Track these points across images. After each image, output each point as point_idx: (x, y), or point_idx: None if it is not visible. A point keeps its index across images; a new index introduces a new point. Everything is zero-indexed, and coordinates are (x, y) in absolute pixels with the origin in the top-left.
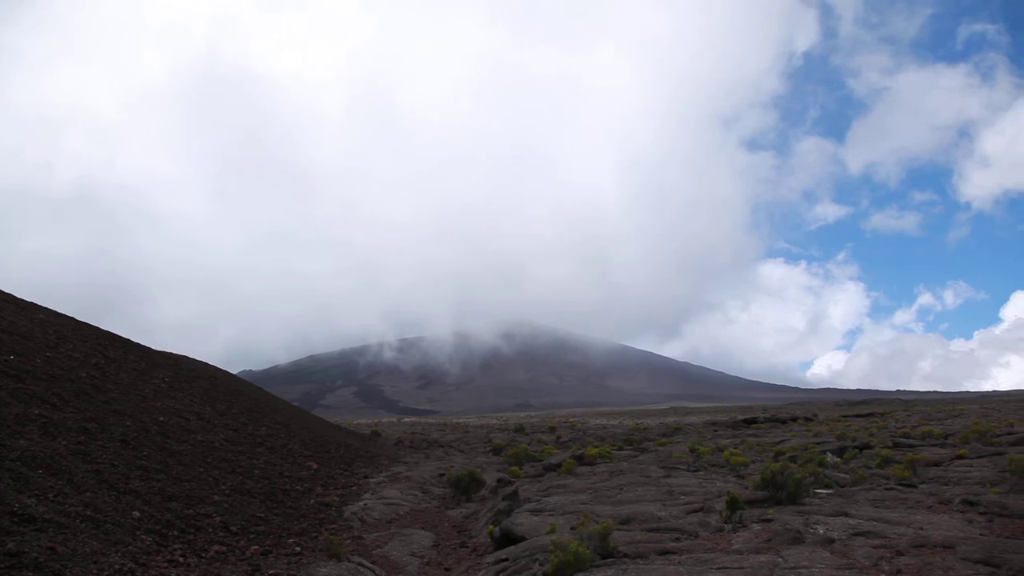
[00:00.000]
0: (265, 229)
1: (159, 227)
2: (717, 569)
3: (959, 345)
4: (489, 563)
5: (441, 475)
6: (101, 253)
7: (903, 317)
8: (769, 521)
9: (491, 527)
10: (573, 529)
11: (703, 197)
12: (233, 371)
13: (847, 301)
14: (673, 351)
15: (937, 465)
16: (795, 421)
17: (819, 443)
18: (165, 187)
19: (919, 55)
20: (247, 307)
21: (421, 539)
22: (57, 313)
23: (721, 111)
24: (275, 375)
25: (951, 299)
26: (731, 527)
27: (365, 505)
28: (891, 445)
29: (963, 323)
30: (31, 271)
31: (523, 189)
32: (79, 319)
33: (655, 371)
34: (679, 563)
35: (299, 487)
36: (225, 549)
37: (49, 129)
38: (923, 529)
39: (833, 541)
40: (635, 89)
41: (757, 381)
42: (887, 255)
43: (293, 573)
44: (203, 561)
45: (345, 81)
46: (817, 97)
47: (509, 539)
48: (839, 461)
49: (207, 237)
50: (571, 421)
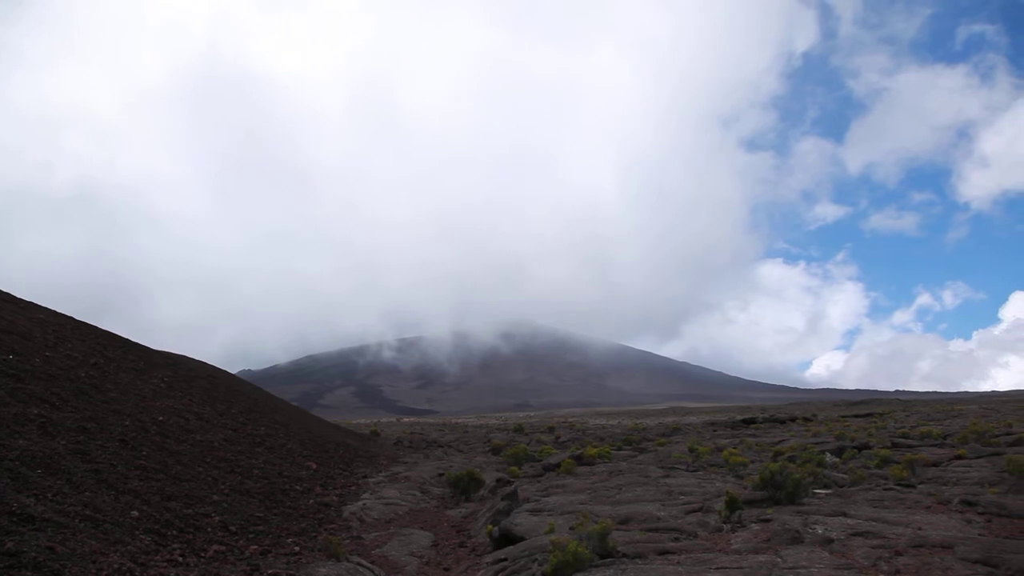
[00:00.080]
0: (265, 229)
1: (159, 227)
2: (716, 569)
3: (958, 345)
4: (488, 563)
5: (440, 475)
6: (101, 253)
7: (902, 317)
8: (768, 521)
9: (490, 527)
10: (572, 529)
11: (703, 197)
12: (232, 371)
13: (846, 301)
14: (672, 351)
15: (936, 465)
16: (794, 421)
17: (818, 443)
18: (165, 187)
19: (918, 55)
20: (247, 307)
21: (420, 539)
22: (56, 312)
23: (721, 111)
24: (274, 375)
25: (950, 299)
26: (730, 527)
27: (364, 505)
28: (890, 445)
29: (962, 323)
30: (31, 271)
31: (523, 189)
32: (78, 319)
33: (654, 371)
34: (678, 563)
35: (298, 487)
36: (224, 549)
37: (49, 129)
38: (922, 529)
39: (832, 541)
40: (635, 89)
41: (756, 381)
42: (886, 255)
43: (292, 573)
44: (202, 561)
45: (345, 81)
46: (816, 97)
47: (508, 539)
48: (838, 461)
49: (207, 237)
50: (570, 421)
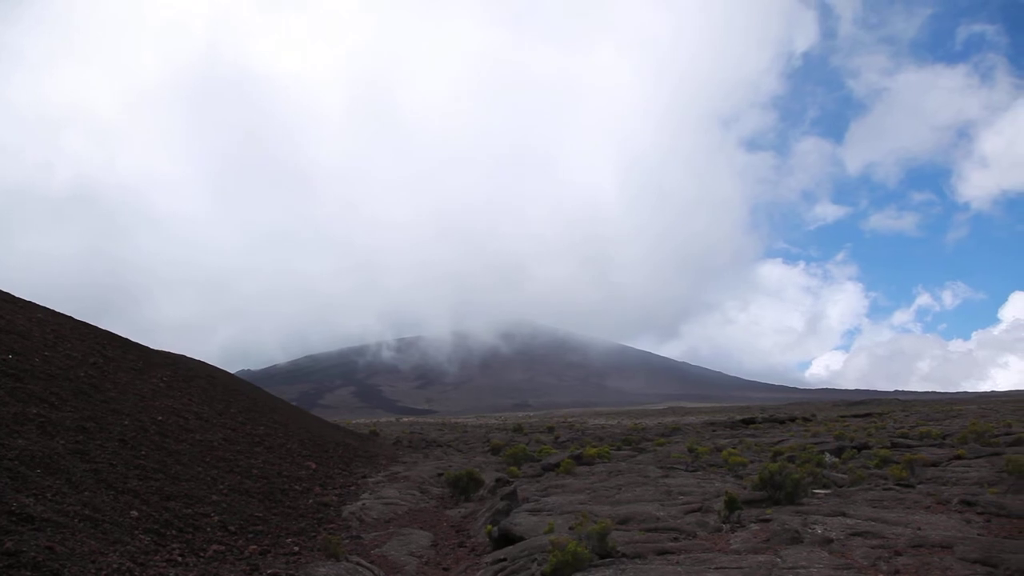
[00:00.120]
0: (265, 229)
1: (159, 227)
2: (715, 569)
3: (957, 345)
4: (487, 563)
5: (439, 475)
6: (100, 253)
7: (901, 317)
8: (767, 521)
9: (489, 527)
10: (571, 529)
11: (702, 197)
12: (231, 371)
13: (845, 301)
14: (672, 351)
15: (935, 465)
16: (793, 421)
17: (817, 443)
18: (165, 187)
19: (918, 56)
20: (246, 307)
21: (419, 539)
22: (55, 312)
23: (721, 111)
24: (273, 375)
25: (949, 299)
26: (729, 527)
27: (363, 505)
28: (889, 445)
29: (961, 323)
30: (30, 270)
31: (523, 189)
32: (77, 318)
33: (654, 371)
34: (677, 563)
35: (297, 487)
36: (223, 548)
37: (49, 129)
38: (921, 529)
39: (831, 541)
40: (635, 89)
41: (755, 381)
42: (886, 255)
43: (291, 572)
44: (201, 560)
45: (345, 81)
46: (816, 97)
47: (507, 539)
48: (837, 461)
49: (207, 237)
50: (569, 421)
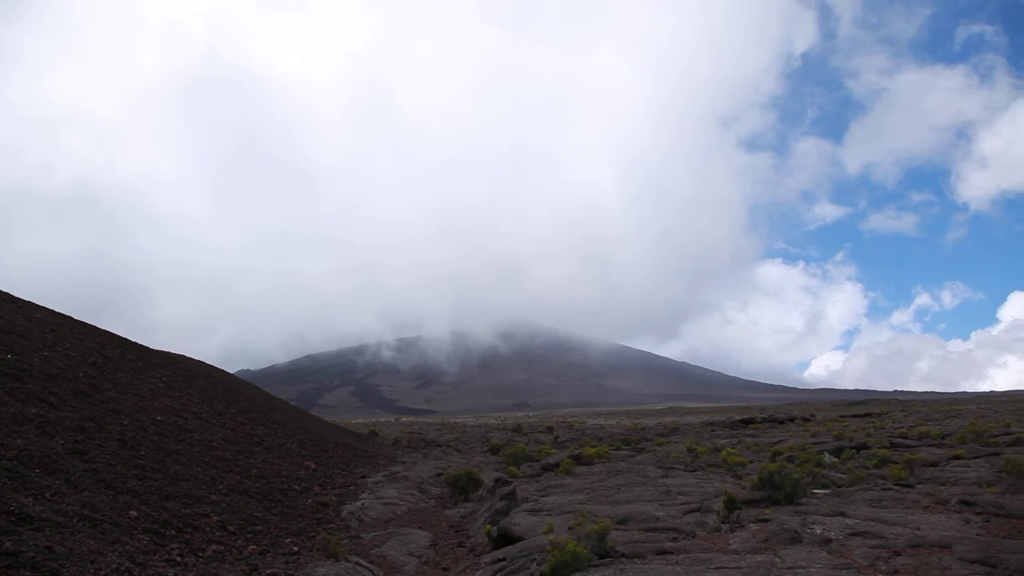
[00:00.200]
0: (265, 229)
1: (159, 227)
2: (714, 569)
3: (956, 346)
4: (487, 563)
5: (439, 475)
6: (100, 253)
7: (901, 317)
8: (766, 521)
9: (489, 527)
10: (571, 529)
11: (702, 197)
12: (231, 370)
13: (845, 301)
14: (671, 351)
15: (934, 465)
16: (792, 421)
17: (816, 443)
18: (165, 187)
19: (918, 56)
20: (246, 307)
21: (419, 539)
22: (54, 312)
23: (720, 111)
24: (273, 375)
25: (948, 300)
26: (728, 527)
27: (363, 505)
28: (888, 445)
29: (960, 324)
30: (30, 270)
31: (523, 189)
32: (77, 318)
33: (653, 371)
34: (676, 563)
35: (297, 487)
36: (223, 548)
37: (49, 129)
38: (920, 529)
39: (830, 541)
40: (635, 89)
41: (755, 381)
42: (885, 256)
43: (291, 572)
44: (200, 560)
45: (345, 81)
46: (816, 98)
47: (507, 539)
48: (836, 461)
49: (207, 237)
50: (569, 421)
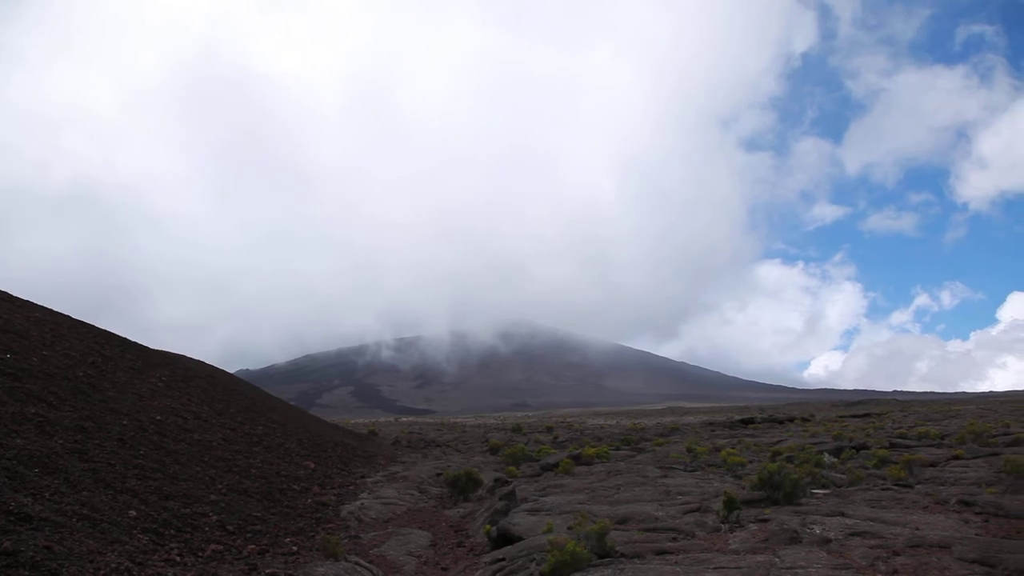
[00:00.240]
0: (265, 229)
1: (159, 227)
2: (714, 569)
3: (956, 346)
4: (486, 563)
5: (438, 475)
6: (99, 252)
7: (900, 318)
8: (766, 521)
9: (488, 527)
10: (570, 529)
11: (701, 197)
12: (230, 370)
13: (844, 302)
14: (671, 351)
15: (933, 465)
16: (792, 421)
17: (816, 443)
18: (165, 187)
19: (917, 56)
20: (246, 307)
21: (418, 539)
22: (54, 311)
23: (720, 111)
24: (272, 374)
25: (948, 300)
26: (728, 527)
27: (362, 504)
28: (888, 445)
29: (960, 324)
30: (29, 269)
31: (523, 189)
32: (76, 318)
33: (652, 371)
34: (676, 563)
35: (296, 486)
36: (222, 548)
37: (48, 128)
38: (919, 529)
39: (830, 541)
40: (635, 89)
41: (754, 381)
42: (884, 256)
43: (290, 572)
44: (200, 560)
45: (345, 81)
46: (815, 98)
47: (506, 539)
48: (836, 461)
49: (207, 237)
50: (568, 421)
